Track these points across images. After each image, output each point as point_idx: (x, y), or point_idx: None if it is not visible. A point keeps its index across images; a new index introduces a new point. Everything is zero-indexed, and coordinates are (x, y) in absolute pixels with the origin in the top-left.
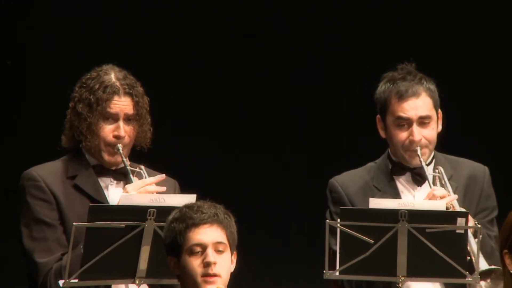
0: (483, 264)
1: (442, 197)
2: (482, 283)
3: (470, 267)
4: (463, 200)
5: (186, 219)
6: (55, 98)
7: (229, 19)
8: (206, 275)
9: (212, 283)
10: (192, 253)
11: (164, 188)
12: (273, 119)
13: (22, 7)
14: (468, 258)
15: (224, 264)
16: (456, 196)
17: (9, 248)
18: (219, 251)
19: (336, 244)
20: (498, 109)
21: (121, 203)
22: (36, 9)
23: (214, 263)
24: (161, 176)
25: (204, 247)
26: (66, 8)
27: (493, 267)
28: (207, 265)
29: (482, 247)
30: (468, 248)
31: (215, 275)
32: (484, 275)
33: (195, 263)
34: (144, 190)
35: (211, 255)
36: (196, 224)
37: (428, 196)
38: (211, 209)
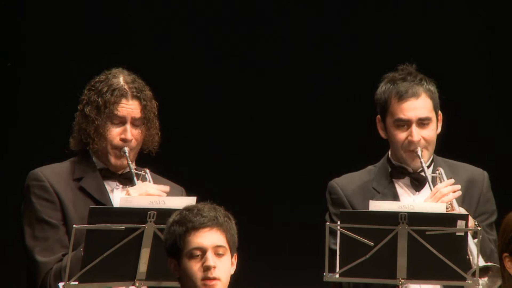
0: (480, 261)
1: (447, 194)
2: (480, 280)
3: (468, 266)
4: (462, 204)
5: (186, 223)
6: (54, 99)
7: (230, 19)
8: (205, 279)
9: (212, 286)
10: (191, 256)
11: (165, 194)
12: (273, 119)
13: (22, 7)
14: (467, 257)
15: (224, 267)
16: (459, 186)
17: (9, 249)
18: (219, 255)
19: (335, 244)
20: (498, 113)
21: (121, 205)
22: (36, 9)
23: (214, 267)
24: (165, 188)
25: (203, 251)
26: (66, 8)
27: (489, 264)
28: (206, 269)
29: (481, 249)
30: (468, 248)
31: (214, 279)
32: (481, 272)
33: (195, 267)
34: (145, 192)
35: (210, 259)
36: (195, 228)
37: (432, 194)
38: (211, 212)
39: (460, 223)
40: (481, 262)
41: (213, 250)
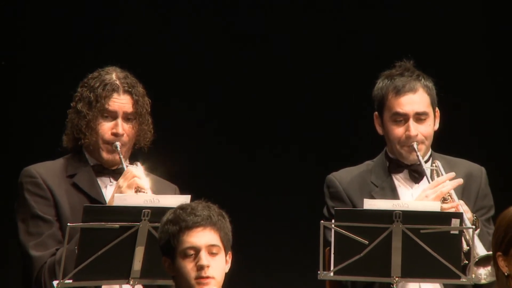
0: (481, 251)
1: (446, 184)
2: (482, 270)
3: (468, 257)
4: (461, 199)
5: (180, 222)
6: (51, 99)
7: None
8: (199, 278)
9: (205, 285)
10: (185, 256)
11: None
12: (271, 118)
13: (21, 7)
14: (468, 247)
15: (218, 266)
16: (461, 180)
17: (8, 249)
18: (212, 254)
19: (331, 236)
20: (497, 109)
21: (115, 204)
22: (35, 9)
23: (208, 266)
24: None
25: (197, 250)
26: (65, 8)
27: (491, 253)
28: (200, 268)
29: (481, 240)
30: (468, 237)
31: (208, 278)
32: (484, 262)
33: (189, 266)
34: (132, 176)
35: (204, 258)
36: (189, 227)
37: (432, 185)
38: (205, 211)
39: (455, 221)
40: (483, 252)
41: (207, 249)
